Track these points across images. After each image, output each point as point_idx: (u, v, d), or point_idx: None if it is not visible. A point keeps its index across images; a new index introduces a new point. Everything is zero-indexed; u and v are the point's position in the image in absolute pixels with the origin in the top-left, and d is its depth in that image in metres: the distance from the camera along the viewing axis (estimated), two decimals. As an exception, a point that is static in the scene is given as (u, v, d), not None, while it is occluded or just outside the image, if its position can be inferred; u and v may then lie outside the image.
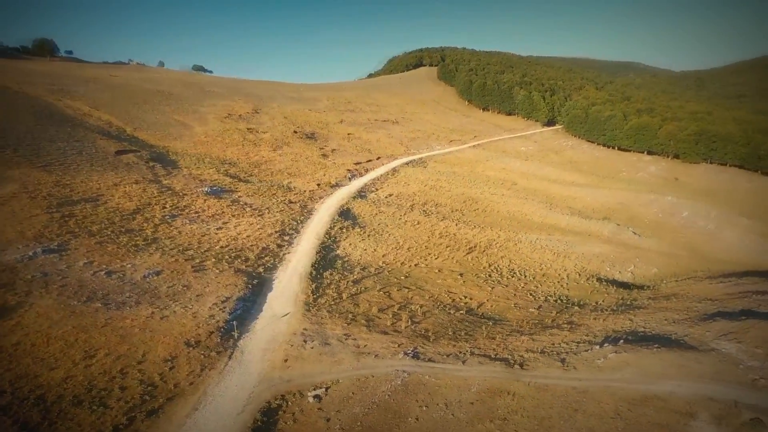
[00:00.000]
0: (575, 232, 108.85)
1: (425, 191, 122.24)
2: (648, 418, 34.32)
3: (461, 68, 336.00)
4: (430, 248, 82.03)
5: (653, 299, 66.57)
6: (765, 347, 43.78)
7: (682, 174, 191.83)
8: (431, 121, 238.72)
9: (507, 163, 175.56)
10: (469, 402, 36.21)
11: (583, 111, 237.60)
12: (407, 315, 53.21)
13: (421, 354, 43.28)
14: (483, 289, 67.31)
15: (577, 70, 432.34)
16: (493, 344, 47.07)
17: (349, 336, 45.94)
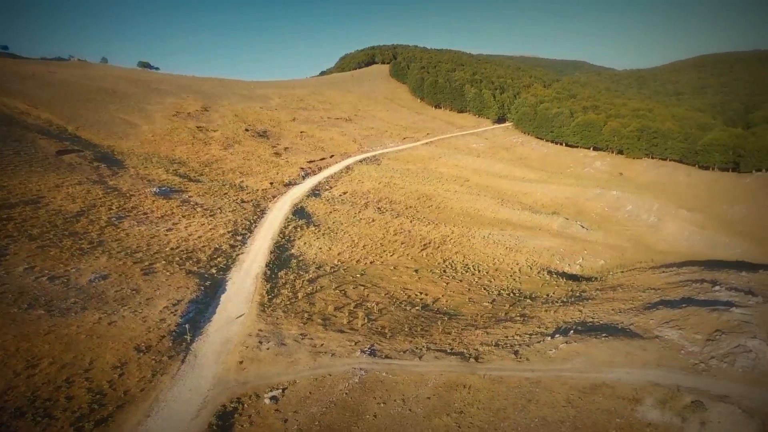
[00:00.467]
0: (526, 226, 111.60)
1: (379, 189, 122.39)
2: (597, 405, 35.51)
3: (413, 66, 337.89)
4: (386, 245, 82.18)
5: (601, 290, 69.01)
6: (704, 333, 46.11)
7: (625, 169, 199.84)
8: (384, 119, 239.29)
9: (459, 160, 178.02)
10: (426, 397, 36.45)
11: (532, 108, 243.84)
12: (363, 313, 53.07)
13: (378, 351, 43.24)
14: (438, 285, 67.98)
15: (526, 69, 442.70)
16: (448, 339, 47.58)
17: (306, 335, 45.38)
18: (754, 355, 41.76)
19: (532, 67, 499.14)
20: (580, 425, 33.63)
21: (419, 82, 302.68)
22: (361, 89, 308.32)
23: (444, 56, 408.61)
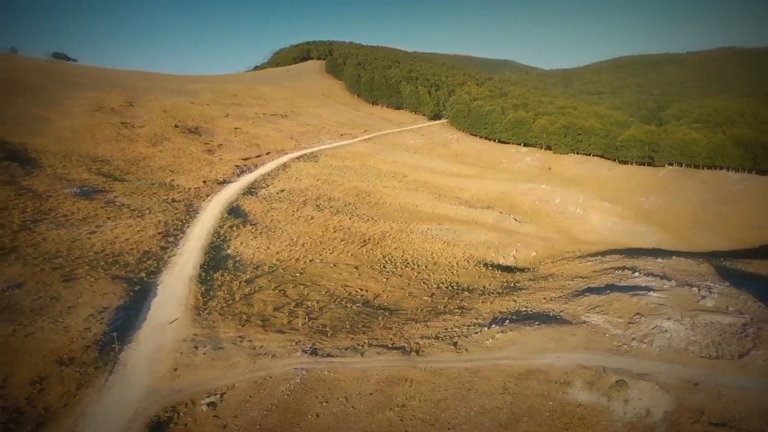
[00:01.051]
0: (462, 221, 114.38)
1: (318, 186, 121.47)
2: (532, 390, 37.18)
3: (349, 62, 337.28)
4: (325, 243, 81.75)
5: (533, 280, 72.02)
6: (625, 317, 49.27)
7: (553, 164, 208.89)
8: (321, 115, 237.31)
9: (397, 157, 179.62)
10: (369, 393, 36.73)
11: (466, 106, 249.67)
12: (304, 312, 52.64)
13: (320, 350, 43.07)
14: (378, 281, 68.48)
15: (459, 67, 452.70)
16: (389, 334, 48.11)
17: (244, 338, 44.45)
18: (669, 335, 45.12)
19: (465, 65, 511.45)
20: (516, 411, 35.06)
21: (356, 79, 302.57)
22: (296, 85, 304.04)
23: (380, 53, 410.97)
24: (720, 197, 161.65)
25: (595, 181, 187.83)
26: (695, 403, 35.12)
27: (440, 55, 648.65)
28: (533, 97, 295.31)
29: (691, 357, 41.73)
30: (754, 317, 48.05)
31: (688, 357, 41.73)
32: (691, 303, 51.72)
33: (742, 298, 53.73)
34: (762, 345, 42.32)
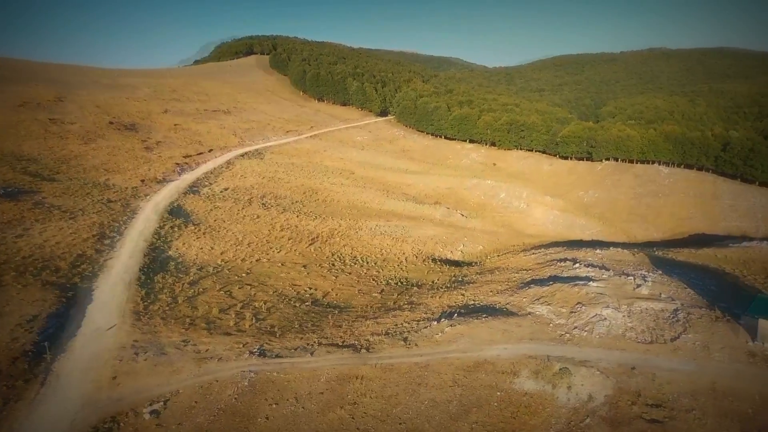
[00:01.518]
0: (411, 217, 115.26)
1: (263, 183, 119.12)
2: (480, 381, 37.89)
3: (294, 58, 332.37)
4: (272, 242, 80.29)
5: (480, 274, 73.48)
6: (568, 306, 51.10)
7: (498, 160, 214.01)
8: (266, 111, 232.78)
9: (344, 153, 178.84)
10: (320, 392, 36.32)
11: (412, 102, 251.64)
12: (251, 313, 51.49)
13: (268, 351, 42.21)
14: (327, 279, 67.95)
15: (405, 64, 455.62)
16: (340, 332, 47.81)
17: (189, 342, 42.93)
18: (608, 323, 47.19)
19: (411, 62, 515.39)
20: (465, 402, 35.62)
21: (301, 75, 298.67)
22: (240, 80, 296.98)
23: (325, 49, 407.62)
24: (652, 190, 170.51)
25: (537, 176, 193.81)
26: (633, 387, 36.84)
27: (386, 52, 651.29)
28: (478, 95, 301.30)
29: (628, 343, 43.76)
30: (684, 303, 50.96)
31: (625, 343, 43.74)
32: (627, 291, 54.28)
33: (674, 285, 56.92)
34: (691, 329, 44.95)
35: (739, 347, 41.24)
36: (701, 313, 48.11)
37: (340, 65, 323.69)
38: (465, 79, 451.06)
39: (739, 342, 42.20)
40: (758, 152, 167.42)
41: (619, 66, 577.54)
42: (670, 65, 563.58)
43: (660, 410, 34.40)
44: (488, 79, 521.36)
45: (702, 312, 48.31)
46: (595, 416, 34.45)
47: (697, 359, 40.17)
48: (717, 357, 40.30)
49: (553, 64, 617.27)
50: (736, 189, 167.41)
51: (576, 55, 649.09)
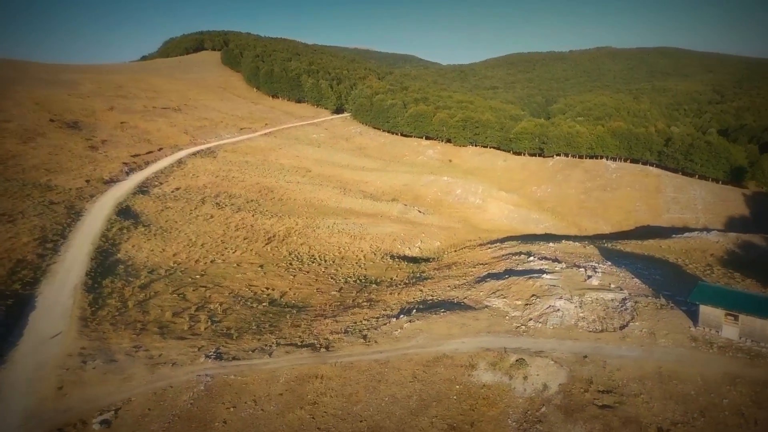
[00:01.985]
0: (368, 214, 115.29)
1: (217, 182, 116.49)
2: (439, 375, 38.29)
3: (247, 54, 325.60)
4: (227, 242, 78.67)
5: (438, 269, 74.27)
6: (523, 299, 52.28)
7: (454, 156, 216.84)
8: (218, 109, 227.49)
9: (300, 151, 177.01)
10: (279, 393, 35.83)
11: (368, 99, 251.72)
12: (206, 315, 50.30)
13: (225, 354, 41.33)
14: (285, 279, 67.15)
15: (360, 61, 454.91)
16: (298, 332, 47.33)
17: (140, 347, 41.50)
18: (561, 314, 48.58)
19: (366, 59, 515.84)
20: (425, 397, 35.93)
21: (254, 71, 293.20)
22: (190, 77, 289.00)
23: (279, 45, 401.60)
24: (601, 184, 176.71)
25: (492, 172, 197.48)
26: (585, 374, 38.06)
27: (341, 49, 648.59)
28: (433, 92, 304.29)
29: (580, 332, 45.17)
30: (632, 292, 53.06)
31: (578, 333, 45.13)
32: (579, 283, 56.02)
33: (622, 276, 59.17)
34: (638, 317, 46.84)
35: (682, 332, 43.21)
36: (647, 301, 50.17)
37: (295, 62, 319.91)
38: (420, 77, 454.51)
39: (682, 327, 44.22)
40: (697, 147, 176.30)
41: (568, 64, 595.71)
42: (615, 64, 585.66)
43: (610, 396, 35.70)
44: (443, 77, 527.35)
45: (648, 300, 50.38)
46: (550, 405, 35.43)
47: (644, 346, 41.86)
48: (662, 343, 42.11)
49: (505, 63, 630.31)
50: (678, 182, 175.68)
51: (527, 54, 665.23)
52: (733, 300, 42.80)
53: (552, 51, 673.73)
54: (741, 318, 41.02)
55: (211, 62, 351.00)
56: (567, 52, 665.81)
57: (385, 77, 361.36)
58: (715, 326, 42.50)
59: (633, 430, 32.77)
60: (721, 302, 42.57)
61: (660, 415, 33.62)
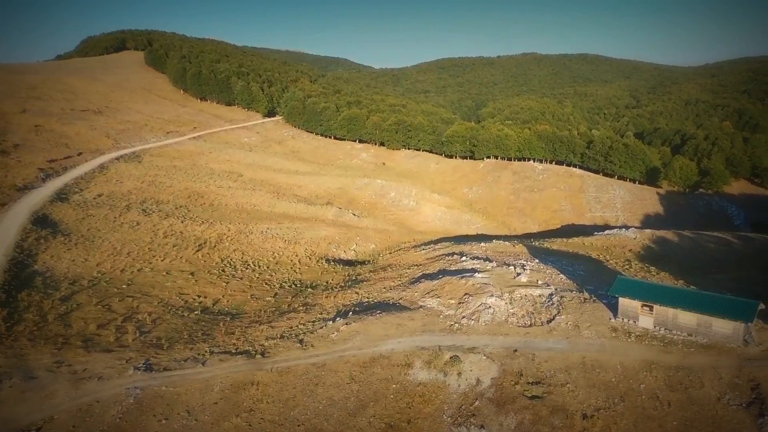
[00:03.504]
0: (303, 218, 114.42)
1: (143, 188, 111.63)
2: (376, 376, 38.85)
3: (173, 54, 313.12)
4: (155, 250, 75.66)
5: (373, 272, 75.01)
6: (456, 298, 53.90)
7: (388, 159, 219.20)
8: (143, 111, 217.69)
9: (231, 155, 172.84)
10: (213, 402, 35.07)
11: (301, 102, 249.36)
12: (134, 326, 48.27)
13: (155, 365, 39.88)
14: (217, 286, 65.53)
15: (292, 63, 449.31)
16: (233, 339, 46.44)
17: (63, 362, 39.25)
18: (493, 310, 50.57)
19: (297, 62, 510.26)
20: (363, 397, 36.37)
21: (181, 73, 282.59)
22: (112, 78, 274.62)
23: (207, 46, 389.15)
24: (529, 185, 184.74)
25: (425, 175, 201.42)
26: (515, 368, 39.87)
27: (272, 51, 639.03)
28: (366, 95, 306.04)
29: (510, 328, 47.24)
30: (558, 288, 56.03)
31: (508, 328, 47.17)
32: (509, 280, 58.47)
33: (549, 272, 62.31)
34: (564, 311, 49.55)
35: (603, 324, 46.16)
36: (572, 296, 53.14)
37: (224, 63, 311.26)
38: (353, 80, 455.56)
39: (603, 319, 47.25)
40: (616, 149, 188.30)
41: (496, 69, 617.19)
42: (541, 69, 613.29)
43: (539, 387, 37.63)
44: (375, 80, 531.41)
45: (573, 295, 53.38)
46: (483, 398, 36.89)
47: (569, 338, 44.36)
48: (585, 334, 44.80)
49: (437, 67, 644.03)
50: (599, 183, 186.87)
51: (458, 59, 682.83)
52: (648, 292, 46.03)
53: (481, 56, 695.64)
54: (655, 308, 44.29)
55: (134, 63, 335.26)
56: (495, 57, 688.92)
57: (317, 80, 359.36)
58: (633, 317, 45.68)
59: (560, 418, 34.75)
60: (638, 294, 45.70)
61: (584, 402, 35.84)
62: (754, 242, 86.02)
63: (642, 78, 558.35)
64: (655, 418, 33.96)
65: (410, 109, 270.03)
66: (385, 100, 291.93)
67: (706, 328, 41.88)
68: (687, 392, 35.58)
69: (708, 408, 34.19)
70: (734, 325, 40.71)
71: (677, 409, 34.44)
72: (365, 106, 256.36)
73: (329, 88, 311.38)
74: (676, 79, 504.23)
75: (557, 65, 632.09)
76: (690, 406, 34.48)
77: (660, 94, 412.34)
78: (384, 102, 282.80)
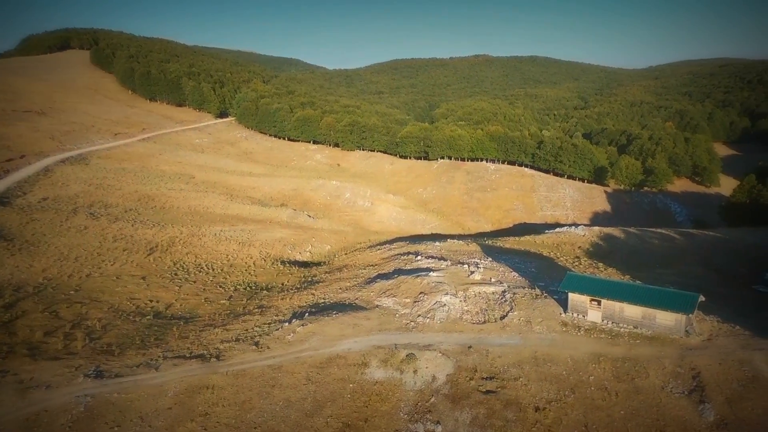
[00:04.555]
0: (257, 220, 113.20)
1: (90, 191, 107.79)
2: (333, 376, 39.24)
3: (120, 54, 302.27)
4: (104, 254, 73.39)
5: (329, 272, 75.19)
6: (411, 297, 54.85)
7: (342, 160, 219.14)
8: (89, 112, 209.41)
9: (182, 157, 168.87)
10: (167, 407, 34.62)
11: (253, 103, 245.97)
12: (83, 333, 46.87)
13: (106, 371, 38.96)
14: (170, 290, 64.26)
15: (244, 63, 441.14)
16: (186, 343, 45.80)
17: (7, 372, 37.79)
18: (447, 308, 51.75)
19: (249, 62, 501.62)
20: (320, 398, 36.71)
21: (129, 73, 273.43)
22: (56, 77, 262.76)
23: (156, 45, 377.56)
24: (481, 185, 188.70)
25: (380, 176, 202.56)
26: (470, 364, 41.03)
27: (223, 51, 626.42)
28: (319, 96, 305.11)
29: (465, 325, 48.47)
30: (510, 285, 57.83)
31: (462, 325, 48.38)
32: (463, 278, 59.87)
33: (501, 270, 64.16)
34: (516, 307, 51.22)
35: (554, 319, 47.91)
36: (524, 292, 54.93)
37: (174, 63, 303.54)
38: (306, 81, 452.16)
39: (554, 314, 49.02)
40: (565, 150, 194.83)
41: (449, 71, 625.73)
42: (492, 71, 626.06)
43: (493, 382, 38.87)
44: (329, 81, 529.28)
45: (525, 291, 55.18)
46: (439, 395, 37.87)
47: (521, 333, 45.90)
48: (537, 329, 46.43)
49: (390, 68, 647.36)
50: (550, 182, 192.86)
51: (411, 60, 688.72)
52: (596, 287, 47.81)
53: (434, 57, 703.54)
54: (603, 303, 46.10)
55: (79, 62, 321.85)
56: (448, 59, 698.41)
57: (270, 81, 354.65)
58: (582, 311, 47.47)
59: (513, 411, 36.01)
60: (587, 290, 47.41)
61: (537, 395, 37.24)
62: (695, 238, 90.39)
63: (589, 80, 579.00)
64: (603, 408, 35.65)
65: (364, 110, 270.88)
66: (338, 101, 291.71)
67: (650, 321, 44.07)
68: (633, 382, 37.45)
69: (652, 397, 36.14)
70: (676, 317, 42.98)
71: (624, 398, 36.23)
72: (319, 107, 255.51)
73: (282, 88, 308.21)
74: (621, 81, 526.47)
75: (508, 67, 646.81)
76: (636, 396, 36.35)
77: (606, 95, 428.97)
78: (338, 103, 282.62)
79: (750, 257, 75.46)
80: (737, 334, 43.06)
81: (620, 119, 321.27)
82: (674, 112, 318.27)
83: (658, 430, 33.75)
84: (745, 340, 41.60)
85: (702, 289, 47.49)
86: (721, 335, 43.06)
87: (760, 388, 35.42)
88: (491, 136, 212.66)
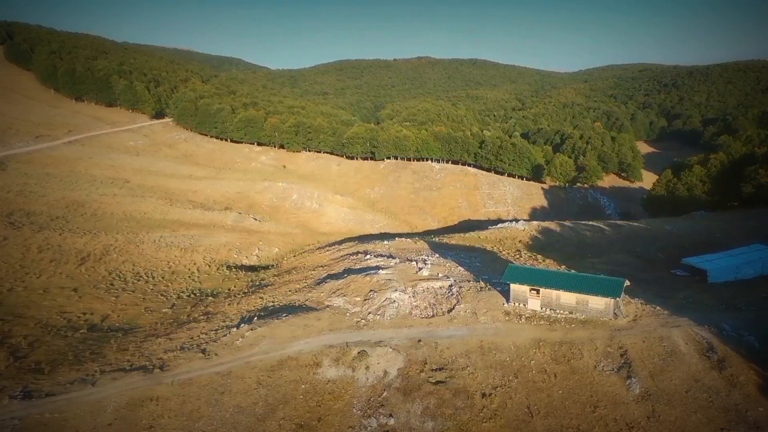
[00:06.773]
0: (200, 225, 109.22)
1: (9, 199, 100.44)
2: (285, 378, 38.23)
3: (40, 50, 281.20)
4: (28, 266, 68.47)
5: (278, 275, 73.56)
6: (362, 295, 54.44)
7: (288, 162, 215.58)
8: (5, 113, 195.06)
9: (115, 160, 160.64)
10: (107, 424, 32.49)
11: (193, 104, 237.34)
12: (6, 352, 43.35)
13: (35, 391, 36.10)
14: (106, 301, 60.75)
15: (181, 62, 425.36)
16: (126, 355, 43.30)
17: None
18: (397, 305, 51.79)
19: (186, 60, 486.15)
20: (272, 401, 35.59)
21: (51, 70, 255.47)
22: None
23: (81, 41, 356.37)
24: (428, 184, 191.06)
25: (327, 177, 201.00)
26: (420, 357, 41.22)
27: (157, 48, 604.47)
28: (263, 96, 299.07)
29: (414, 320, 48.72)
30: (457, 279, 58.51)
31: (412, 320, 48.60)
32: (411, 275, 60.07)
33: (448, 266, 64.87)
34: (463, 300, 51.92)
35: (498, 309, 49.18)
36: (470, 285, 55.81)
37: (103, 60, 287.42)
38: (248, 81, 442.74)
39: (497, 305, 50.29)
40: (505, 149, 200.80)
41: (393, 72, 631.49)
42: (435, 73, 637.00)
43: (442, 372, 39.36)
44: (272, 81, 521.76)
45: (470, 285, 56.06)
46: (391, 389, 37.76)
47: (468, 324, 46.74)
48: (482, 320, 47.46)
49: (335, 69, 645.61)
50: (491, 180, 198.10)
51: (355, 61, 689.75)
52: (535, 277, 50.25)
53: (378, 59, 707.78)
54: (542, 291, 48.45)
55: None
56: (392, 60, 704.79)
57: (209, 80, 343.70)
58: (523, 301, 49.39)
59: (462, 399, 36.80)
60: (527, 280, 49.67)
61: (483, 382, 38.28)
62: (622, 229, 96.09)
63: (526, 82, 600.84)
64: (543, 390, 37.43)
65: (309, 110, 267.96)
66: (283, 102, 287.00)
67: (583, 306, 47.09)
68: (569, 363, 39.53)
69: (587, 375, 38.44)
70: (605, 301, 46.24)
71: (562, 379, 38.24)
72: (263, 108, 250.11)
73: (223, 88, 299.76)
74: (555, 84, 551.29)
75: (450, 69, 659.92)
76: (572, 376, 38.43)
77: (542, 97, 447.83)
78: (282, 103, 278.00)
79: (668, 244, 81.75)
80: (658, 314, 46.45)
81: (554, 120, 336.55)
82: (602, 113, 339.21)
83: (592, 405, 36.01)
84: (664, 319, 44.93)
85: (627, 275, 51.34)
86: (645, 315, 46.32)
87: (677, 361, 38.65)
88: (436, 136, 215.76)
